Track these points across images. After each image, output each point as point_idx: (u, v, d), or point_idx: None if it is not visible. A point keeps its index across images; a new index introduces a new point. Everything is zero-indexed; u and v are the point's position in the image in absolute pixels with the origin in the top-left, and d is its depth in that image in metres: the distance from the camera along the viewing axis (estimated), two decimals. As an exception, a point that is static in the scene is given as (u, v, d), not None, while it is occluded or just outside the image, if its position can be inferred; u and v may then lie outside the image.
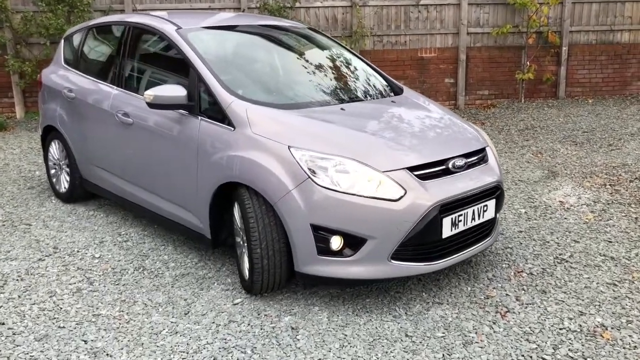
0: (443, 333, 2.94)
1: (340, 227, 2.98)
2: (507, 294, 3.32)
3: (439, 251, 3.15)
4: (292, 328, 2.98)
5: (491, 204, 3.36)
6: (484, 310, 3.14)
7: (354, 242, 3.01)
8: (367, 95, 4.00)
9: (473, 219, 3.24)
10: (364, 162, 3.02)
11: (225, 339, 2.91)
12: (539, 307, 3.18)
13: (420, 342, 2.86)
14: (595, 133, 7.31)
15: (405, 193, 2.99)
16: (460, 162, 3.25)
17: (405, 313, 3.12)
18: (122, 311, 3.20)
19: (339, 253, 3.02)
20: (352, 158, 3.04)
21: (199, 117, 3.53)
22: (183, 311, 3.18)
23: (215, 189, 3.40)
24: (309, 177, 3.00)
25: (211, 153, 3.41)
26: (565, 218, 4.56)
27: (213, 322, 3.06)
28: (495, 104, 9.25)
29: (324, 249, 3.02)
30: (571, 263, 3.73)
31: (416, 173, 3.08)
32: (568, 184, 5.37)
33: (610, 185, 5.37)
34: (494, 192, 3.39)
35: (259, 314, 3.12)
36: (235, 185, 3.32)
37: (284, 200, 3.03)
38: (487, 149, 3.59)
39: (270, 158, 3.12)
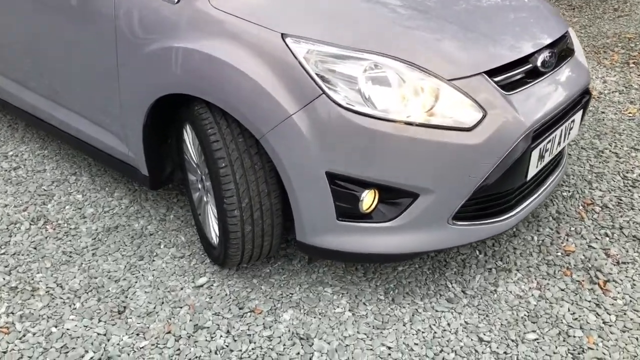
0: (535, 333, 1.91)
1: (376, 177, 1.78)
2: (590, 246, 2.31)
3: (512, 200, 2.05)
4: (301, 338, 1.86)
5: (578, 117, 2.23)
6: (573, 280, 2.13)
7: (396, 200, 1.84)
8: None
9: (559, 143, 2.12)
10: (416, 64, 1.76)
11: (192, 365, 1.77)
12: (643, 268, 2.21)
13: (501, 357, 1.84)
14: (597, -5, 6.17)
15: (485, 115, 1.79)
16: (550, 57, 2.04)
17: (463, 292, 2.06)
18: (8, 320, 1.96)
19: (368, 216, 1.85)
20: (396, 57, 1.76)
21: (113, -22, 2.06)
22: (114, 308, 1.98)
23: (150, 103, 2.05)
24: (323, 91, 1.72)
25: (139, 43, 2.02)
26: (603, 112, 3.54)
27: (165, 336, 1.89)
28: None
29: (346, 211, 1.83)
30: (653, 188, 2.75)
31: (497, 79, 1.86)
32: (586, 63, 4.30)
33: (634, 63, 4.36)
34: (581, 99, 2.24)
35: (241, 309, 1.97)
36: (183, 98, 2.00)
37: (279, 132, 1.76)
38: (570, 31, 2.37)
39: (249, 56, 1.78)
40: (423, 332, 1.88)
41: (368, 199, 1.81)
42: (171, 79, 1.95)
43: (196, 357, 1.78)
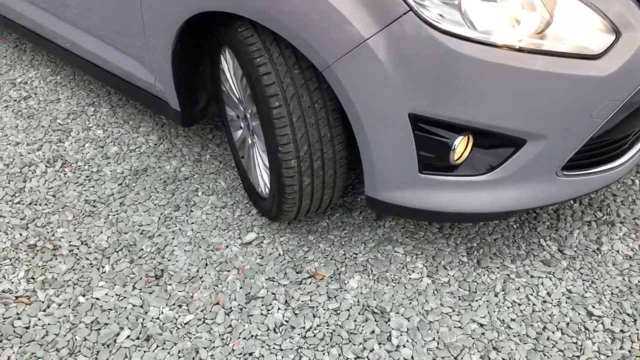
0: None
1: (473, 119, 1.39)
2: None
3: (625, 144, 1.66)
4: (374, 312, 1.55)
5: None
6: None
7: (495, 148, 1.47)
8: None
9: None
10: (532, -30, 1.33)
11: None
12: None
13: None
14: None
15: (618, 38, 1.37)
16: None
17: (561, 251, 1.73)
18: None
19: (456, 168, 1.49)
20: (506, -40, 1.32)
21: None
22: (150, 272, 1.68)
23: (180, 24, 1.66)
24: (410, 7, 1.31)
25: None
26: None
27: (213, 308, 1.60)
28: None
29: (432, 162, 1.47)
30: None
31: (634, -12, 1.42)
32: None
33: None
34: None
35: (298, 273, 1.66)
36: (222, 17, 1.60)
37: (349, 62, 1.37)
38: None
39: (309, -40, 1.36)
40: (520, 305, 1.56)
41: (460, 148, 1.44)
42: (206, -8, 1.54)
43: (252, 335, 1.49)
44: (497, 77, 1.35)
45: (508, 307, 1.56)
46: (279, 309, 1.56)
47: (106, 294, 1.61)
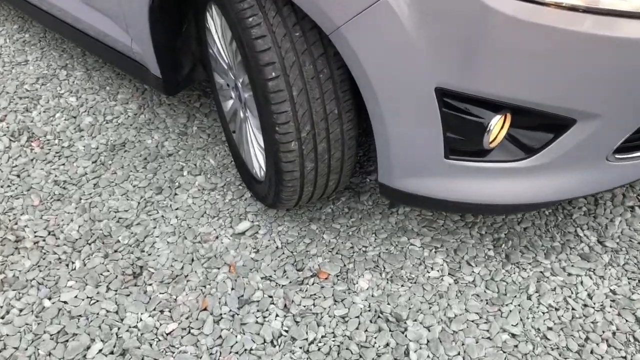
0: None
1: (514, 95, 1.14)
2: None
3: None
4: (388, 320, 1.33)
5: None
6: None
7: (537, 131, 1.22)
8: None
9: None
10: None
11: None
12: None
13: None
14: None
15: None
16: None
17: (601, 243, 1.50)
18: (-9, 277, 1.44)
19: (488, 152, 1.24)
20: None
21: None
22: (127, 269, 1.45)
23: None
24: (441, -46, 1.04)
25: None
26: None
27: (200, 314, 1.38)
28: None
29: (461, 145, 1.22)
30: None
31: None
32: None
33: None
34: None
35: (299, 271, 1.43)
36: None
37: (363, 23, 1.10)
38: None
39: None
40: (557, 310, 1.34)
41: (496, 129, 1.19)
42: None
43: (245, 349, 1.27)
44: (544, 42, 1.09)
45: (543, 313, 1.34)
46: (277, 315, 1.33)
47: (76, 297, 1.39)
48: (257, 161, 1.51)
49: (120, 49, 1.77)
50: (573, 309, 1.35)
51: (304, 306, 1.35)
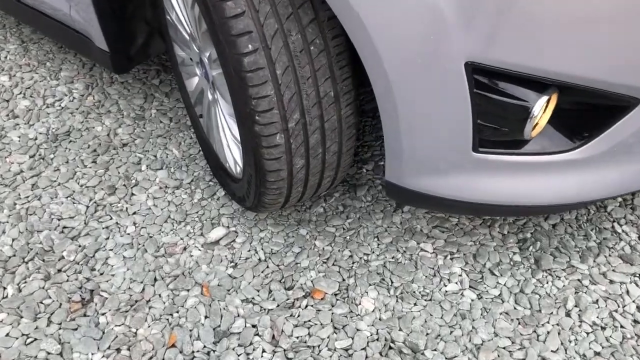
0: None
1: (563, 71, 0.87)
2: None
3: None
4: (401, 351, 1.08)
5: None
6: None
7: (588, 115, 0.96)
8: None
9: None
10: None
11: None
12: None
13: None
14: None
15: None
16: None
17: (641, 240, 1.27)
18: None
19: (526, 143, 0.98)
20: None
21: None
22: (73, 293, 1.17)
23: None
24: None
25: None
26: None
27: (167, 353, 1.10)
28: None
29: (496, 135, 0.96)
30: None
31: None
32: None
33: None
34: None
35: (289, 290, 1.17)
36: None
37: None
38: None
39: None
40: (603, 329, 1.11)
41: (539, 113, 0.93)
42: None
43: (226, 398, 1.01)
44: (602, 4, 0.83)
45: (587, 334, 1.11)
46: (263, 351, 1.07)
47: (7, 335, 1.10)
48: (232, 155, 1.22)
49: (59, 18, 1.45)
50: (622, 326, 1.12)
51: (297, 337, 1.09)
